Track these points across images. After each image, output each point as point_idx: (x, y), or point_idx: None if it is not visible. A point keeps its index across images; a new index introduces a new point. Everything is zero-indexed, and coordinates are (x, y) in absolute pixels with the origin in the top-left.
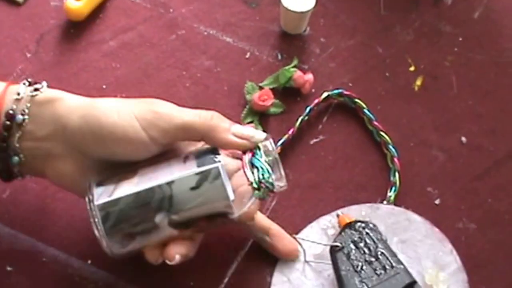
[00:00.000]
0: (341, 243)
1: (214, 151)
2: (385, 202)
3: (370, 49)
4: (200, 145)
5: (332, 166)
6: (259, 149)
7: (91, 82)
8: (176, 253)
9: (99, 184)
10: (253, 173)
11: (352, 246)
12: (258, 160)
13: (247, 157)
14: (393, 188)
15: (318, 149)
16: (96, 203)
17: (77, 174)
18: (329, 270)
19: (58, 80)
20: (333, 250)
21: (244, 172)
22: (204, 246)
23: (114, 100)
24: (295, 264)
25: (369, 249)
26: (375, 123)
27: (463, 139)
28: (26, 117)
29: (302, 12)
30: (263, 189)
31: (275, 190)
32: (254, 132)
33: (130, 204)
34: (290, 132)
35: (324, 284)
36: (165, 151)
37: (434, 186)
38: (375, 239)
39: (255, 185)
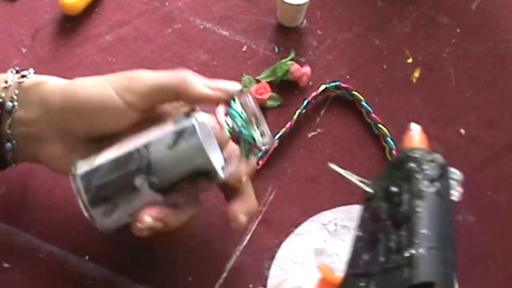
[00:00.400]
0: (374, 190)
1: (192, 111)
2: None
3: (368, 41)
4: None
5: (330, 159)
6: (235, 101)
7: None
8: (147, 215)
9: (83, 159)
10: (227, 122)
11: (383, 199)
12: (234, 109)
13: (221, 107)
14: None
15: (316, 142)
16: (77, 173)
17: (67, 157)
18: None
19: (53, 75)
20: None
21: (217, 120)
22: (203, 240)
23: (92, 77)
24: (294, 257)
25: (396, 208)
26: (373, 115)
27: (462, 131)
28: (15, 103)
29: (298, 5)
30: (243, 144)
31: (258, 144)
32: (229, 84)
33: (110, 170)
34: (288, 125)
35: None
36: (149, 122)
37: None
38: (413, 191)
39: (227, 133)
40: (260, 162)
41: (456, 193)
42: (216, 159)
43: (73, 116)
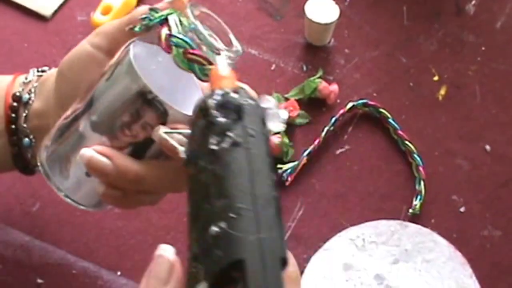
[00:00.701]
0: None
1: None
2: (410, 210)
3: (394, 60)
4: None
5: (357, 176)
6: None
7: None
8: (85, 148)
9: None
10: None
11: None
12: (176, 18)
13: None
14: (419, 197)
15: (343, 159)
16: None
17: None
18: (356, 280)
19: None
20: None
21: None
22: None
23: None
24: (323, 272)
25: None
26: (400, 132)
27: (487, 147)
28: (32, 95)
29: (326, 24)
30: (176, 50)
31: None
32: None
33: (61, 124)
34: (316, 142)
35: None
36: None
37: (459, 194)
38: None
39: (163, 40)
40: (289, 179)
41: (276, 123)
42: (167, 88)
43: (64, 86)
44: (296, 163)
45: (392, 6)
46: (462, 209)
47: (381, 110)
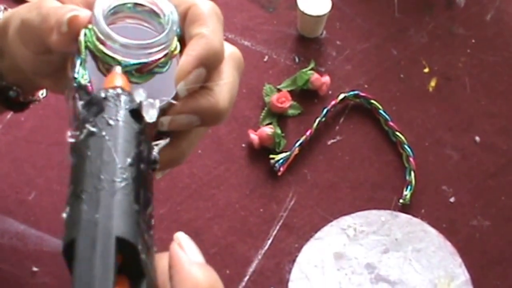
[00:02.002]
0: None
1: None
2: (401, 201)
3: (385, 52)
4: None
5: (349, 166)
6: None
7: None
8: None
9: None
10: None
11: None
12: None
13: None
14: (409, 187)
15: (335, 149)
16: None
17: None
18: (347, 269)
19: None
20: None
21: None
22: (225, 245)
23: None
24: (314, 261)
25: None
26: (391, 123)
27: (477, 138)
28: None
29: (318, 16)
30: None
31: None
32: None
33: None
34: (308, 133)
35: (341, 282)
36: None
37: (449, 184)
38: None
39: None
40: (281, 169)
41: (148, 114)
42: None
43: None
44: (288, 153)
45: None
46: (451, 199)
47: (372, 101)
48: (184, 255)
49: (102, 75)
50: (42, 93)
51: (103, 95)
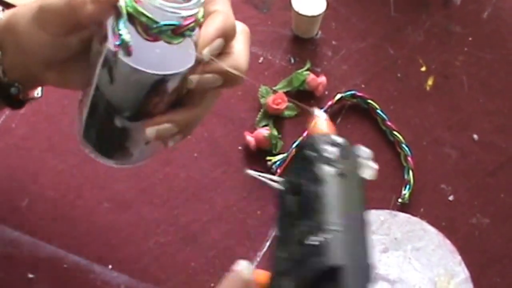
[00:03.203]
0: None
1: (113, 31)
2: (400, 200)
3: (382, 51)
4: None
5: None
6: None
7: None
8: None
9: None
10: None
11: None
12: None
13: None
14: (408, 186)
15: None
16: (79, 139)
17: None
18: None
19: None
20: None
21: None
22: (223, 247)
23: None
24: None
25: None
26: (388, 123)
27: (475, 136)
28: None
29: (313, 16)
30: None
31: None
32: None
33: (92, 123)
34: (305, 134)
35: None
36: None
37: (448, 183)
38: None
39: (146, 36)
40: (278, 171)
41: (368, 171)
42: (170, 60)
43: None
44: (285, 155)
45: None
46: (450, 198)
47: (369, 101)
48: None
49: (140, 37)
50: (37, 93)
51: (345, 143)
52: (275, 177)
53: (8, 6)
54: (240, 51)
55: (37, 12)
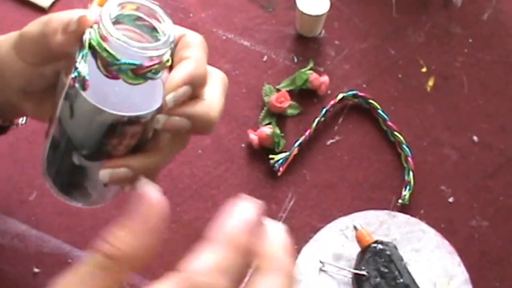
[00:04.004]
0: (367, 272)
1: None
2: (400, 201)
3: (383, 51)
4: None
5: (348, 166)
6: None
7: None
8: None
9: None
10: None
11: (378, 277)
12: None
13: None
14: (408, 187)
15: (334, 149)
16: (42, 175)
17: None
18: (345, 271)
19: None
20: (358, 279)
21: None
22: None
23: None
24: (313, 262)
25: (395, 280)
26: (389, 123)
27: (475, 138)
28: None
29: (317, 16)
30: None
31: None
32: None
33: (52, 158)
34: (307, 133)
35: (340, 283)
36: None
37: (447, 184)
38: (399, 268)
39: (105, 73)
40: (281, 169)
41: None
42: (132, 101)
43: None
44: (287, 153)
45: None
46: (450, 199)
47: (371, 101)
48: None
49: (100, 73)
50: (22, 120)
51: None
52: (353, 270)
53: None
54: (212, 99)
55: (17, 40)
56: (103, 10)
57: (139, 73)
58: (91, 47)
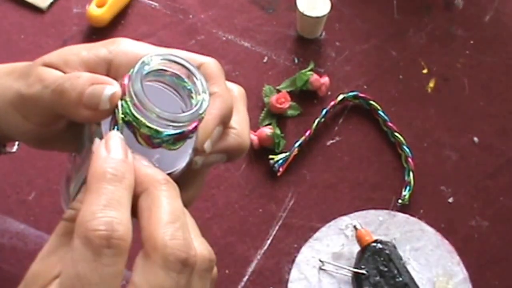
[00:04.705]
0: (367, 271)
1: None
2: (400, 201)
3: (384, 53)
4: None
5: (348, 167)
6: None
7: None
8: None
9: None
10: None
11: (378, 276)
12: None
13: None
14: (408, 188)
15: (334, 150)
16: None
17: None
18: (345, 270)
19: None
20: (358, 277)
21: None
22: (224, 245)
23: None
24: (312, 261)
25: (394, 279)
26: (390, 124)
27: (475, 139)
28: None
29: (317, 17)
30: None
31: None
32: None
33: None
34: (307, 133)
35: (340, 282)
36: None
37: (447, 185)
38: (398, 267)
39: (147, 146)
40: (281, 169)
41: None
42: (169, 160)
43: None
44: (287, 154)
45: (382, 0)
46: (450, 200)
47: (371, 102)
48: None
49: (140, 145)
50: (15, 147)
51: (387, 250)
52: (352, 269)
53: None
54: (241, 125)
55: (16, 99)
56: (133, 80)
57: (181, 139)
58: (126, 121)
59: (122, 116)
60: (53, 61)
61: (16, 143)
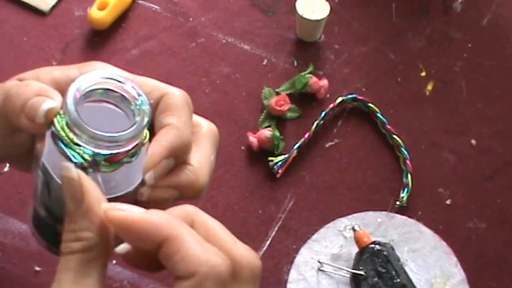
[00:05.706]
0: (365, 272)
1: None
2: (398, 203)
3: (383, 55)
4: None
5: (346, 169)
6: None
7: None
8: None
9: None
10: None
11: (376, 277)
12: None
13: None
14: (406, 189)
15: (333, 152)
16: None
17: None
18: (344, 271)
19: None
20: (356, 278)
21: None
22: None
23: None
24: (311, 262)
25: (392, 280)
26: (388, 126)
27: (473, 141)
28: None
29: (317, 20)
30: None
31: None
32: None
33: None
34: (306, 136)
35: (338, 283)
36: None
37: (445, 187)
38: (396, 268)
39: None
40: (280, 171)
41: None
42: (111, 183)
43: None
44: (286, 156)
45: (381, 3)
46: (448, 202)
47: (370, 104)
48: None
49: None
50: (6, 168)
51: (385, 251)
52: (351, 270)
53: None
54: (200, 163)
55: None
56: (68, 96)
57: (114, 161)
58: (60, 138)
59: (57, 133)
60: (26, 77)
61: (7, 164)
